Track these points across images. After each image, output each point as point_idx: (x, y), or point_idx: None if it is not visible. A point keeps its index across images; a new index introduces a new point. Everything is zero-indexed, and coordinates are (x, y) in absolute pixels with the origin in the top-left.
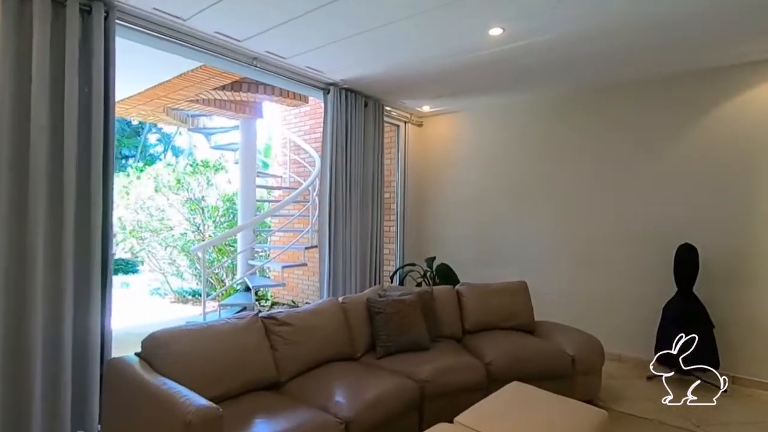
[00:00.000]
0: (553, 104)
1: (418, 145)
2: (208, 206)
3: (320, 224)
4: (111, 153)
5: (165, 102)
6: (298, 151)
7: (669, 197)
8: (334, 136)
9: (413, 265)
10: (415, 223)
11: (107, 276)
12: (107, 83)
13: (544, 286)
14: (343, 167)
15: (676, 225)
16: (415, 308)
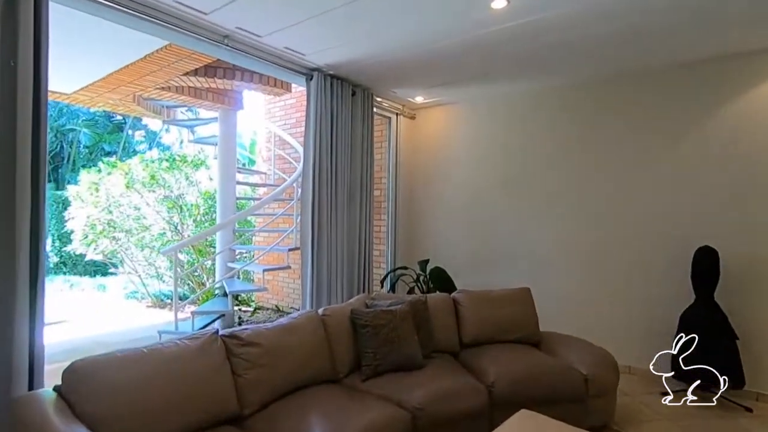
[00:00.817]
0: (559, 95)
1: (410, 140)
2: (187, 204)
3: (302, 224)
4: (43, 139)
5: (133, 89)
6: (284, 146)
7: (686, 195)
8: (318, 128)
9: (405, 269)
10: (407, 224)
11: (38, 281)
12: (38, 57)
13: (546, 292)
14: (328, 162)
15: (694, 226)
16: (407, 320)
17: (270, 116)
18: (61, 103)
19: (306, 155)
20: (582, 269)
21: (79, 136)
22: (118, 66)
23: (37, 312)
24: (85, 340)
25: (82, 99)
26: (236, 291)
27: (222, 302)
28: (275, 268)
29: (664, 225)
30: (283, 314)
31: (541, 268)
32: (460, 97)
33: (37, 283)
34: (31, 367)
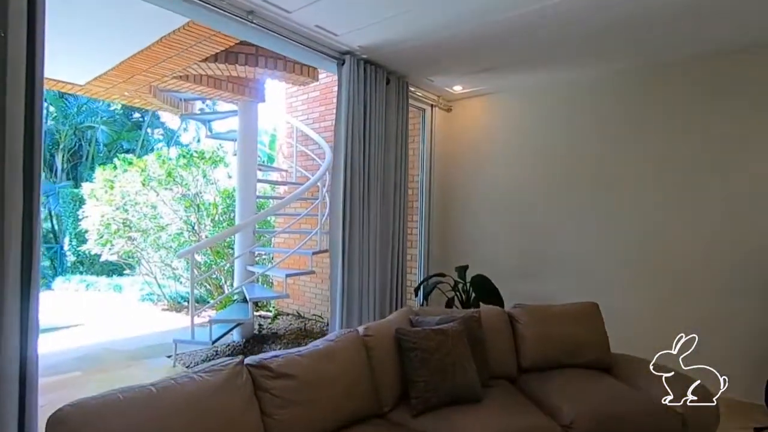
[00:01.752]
0: (619, 80)
1: (445, 134)
2: (205, 203)
3: (332, 226)
4: (38, 126)
5: (149, 79)
6: (306, 142)
7: None
8: (350, 118)
9: (442, 276)
10: (441, 225)
11: (30, 287)
12: (33, 28)
13: (606, 306)
14: (361, 156)
15: None
16: (461, 341)
17: (291, 110)
18: (80, 100)
19: (337, 148)
20: (650, 281)
21: (97, 134)
22: (132, 51)
23: (30, 320)
24: (97, 347)
25: (96, 91)
26: (257, 298)
27: (241, 309)
28: (299, 273)
29: (757, 231)
30: (305, 320)
31: (600, 279)
32: (502, 85)
33: (30, 288)
34: (23, 382)
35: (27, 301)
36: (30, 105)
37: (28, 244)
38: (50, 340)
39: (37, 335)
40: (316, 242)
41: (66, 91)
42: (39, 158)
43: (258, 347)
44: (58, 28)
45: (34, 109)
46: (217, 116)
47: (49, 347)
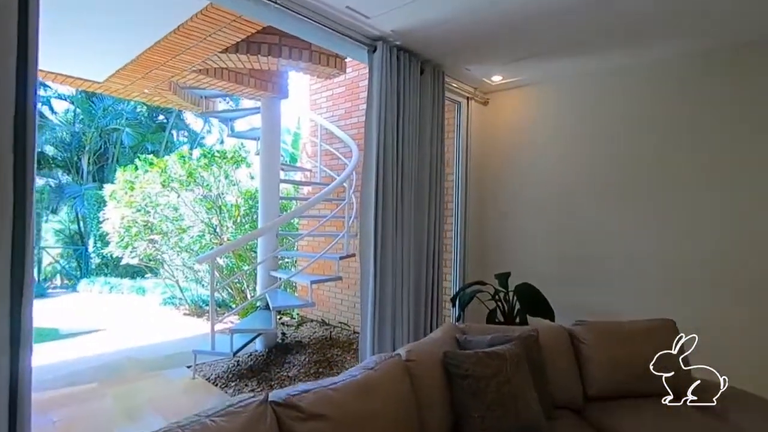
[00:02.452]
0: (684, 64)
1: (482, 129)
2: (227, 204)
3: (363, 229)
4: (31, 127)
5: (168, 73)
6: (331, 140)
7: None
8: (382, 111)
9: (483, 284)
10: (477, 228)
11: (23, 297)
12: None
13: None
14: (394, 153)
15: None
16: (521, 366)
17: (315, 107)
18: (105, 102)
19: (367, 145)
20: (726, 294)
21: (122, 136)
22: (149, 42)
23: (23, 332)
24: (116, 355)
25: (116, 88)
26: (280, 307)
27: (263, 317)
28: (325, 279)
29: None
30: (330, 328)
31: (652, 287)
32: (546, 74)
33: (22, 297)
34: (13, 399)
35: (18, 312)
36: (21, 100)
37: (20, 249)
38: (70, 346)
39: (30, 348)
40: (342, 246)
41: (85, 88)
42: (32, 157)
43: (281, 357)
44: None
45: (26, 104)
46: (238, 114)
47: (69, 354)
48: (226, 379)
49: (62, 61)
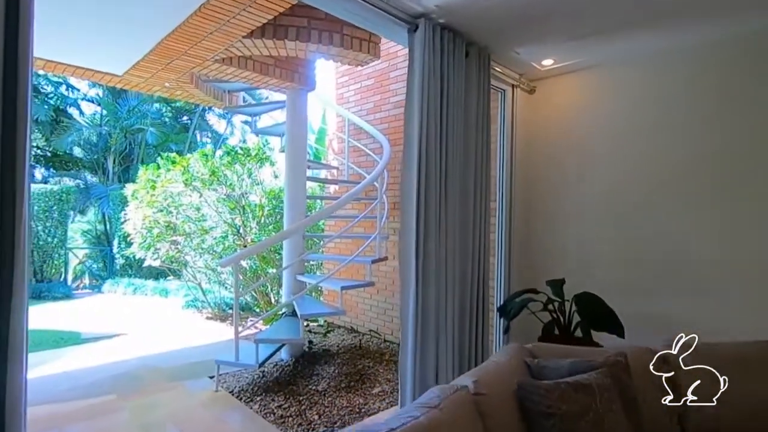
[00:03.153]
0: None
1: (527, 120)
2: (250, 204)
3: (403, 230)
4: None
5: (189, 64)
6: (359, 136)
7: None
8: (424, 101)
9: (535, 293)
10: (524, 230)
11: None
12: None
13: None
14: (437, 146)
15: None
16: (613, 401)
17: (342, 102)
18: (130, 102)
19: (408, 136)
20: None
21: (146, 136)
22: (169, 27)
23: (12, 341)
24: (136, 363)
25: (135, 82)
26: (309, 315)
27: (290, 325)
28: (357, 285)
29: None
30: (358, 335)
31: (732, 297)
32: (606, 56)
33: (11, 302)
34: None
35: (5, 317)
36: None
37: (9, 256)
38: (90, 352)
39: (22, 360)
40: (373, 249)
41: (105, 83)
42: (24, 154)
43: (309, 368)
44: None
45: (16, 94)
46: (262, 108)
47: (88, 361)
48: (251, 393)
49: (81, 53)
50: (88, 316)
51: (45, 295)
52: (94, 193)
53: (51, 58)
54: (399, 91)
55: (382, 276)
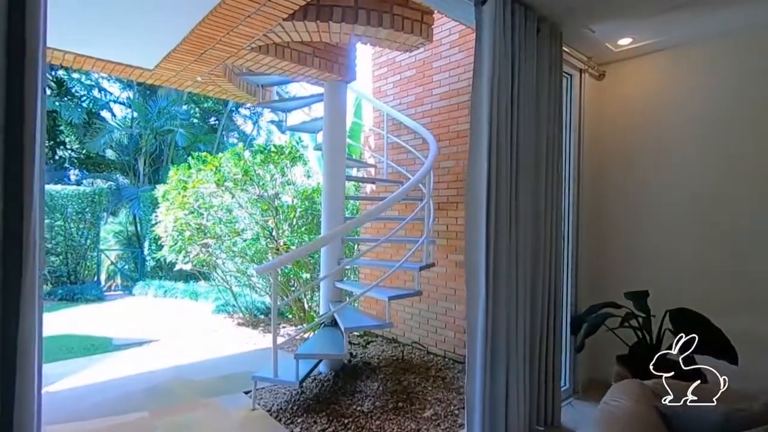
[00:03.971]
0: None
1: (596, 109)
2: (283, 205)
3: (471, 235)
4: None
5: (223, 54)
6: (399, 132)
7: None
8: (494, 85)
9: (617, 307)
10: (593, 234)
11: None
12: None
13: None
14: (508, 138)
15: None
16: None
17: (380, 95)
18: (160, 103)
19: (476, 125)
20: None
21: (176, 137)
22: (204, 11)
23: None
24: (168, 375)
25: (166, 77)
26: (353, 327)
27: (331, 338)
28: (405, 295)
29: None
30: (399, 345)
31: None
32: (701, 31)
33: (20, 314)
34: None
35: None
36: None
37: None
38: (121, 360)
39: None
40: (419, 255)
41: (136, 78)
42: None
43: (350, 384)
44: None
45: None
46: (297, 102)
47: (119, 370)
48: (291, 413)
49: (110, 45)
50: (119, 320)
51: (78, 297)
52: (126, 195)
53: (80, 52)
54: (444, 82)
55: (424, 283)
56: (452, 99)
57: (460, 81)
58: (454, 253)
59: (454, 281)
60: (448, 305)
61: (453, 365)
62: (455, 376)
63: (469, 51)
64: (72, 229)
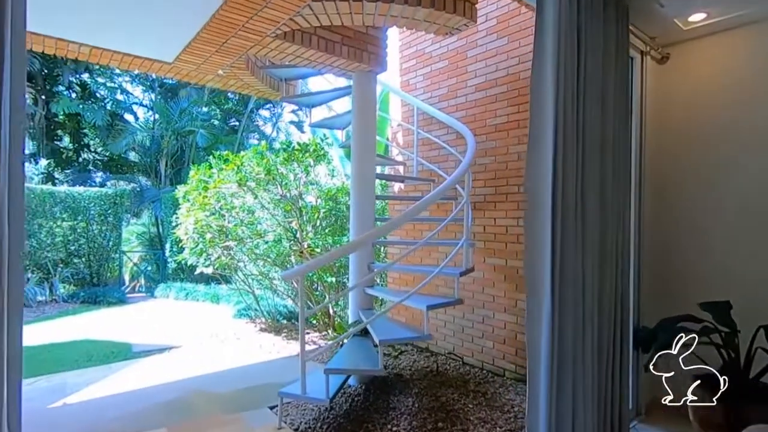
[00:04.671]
0: None
1: (659, 96)
2: (306, 206)
3: (532, 239)
4: None
5: (246, 42)
6: (430, 127)
7: None
8: (560, 69)
9: (696, 321)
10: (658, 238)
11: None
12: None
13: None
14: (575, 128)
15: None
16: None
17: (408, 89)
18: (181, 104)
19: (538, 113)
20: None
21: (197, 138)
22: None
23: None
24: (188, 386)
25: (187, 71)
26: (390, 340)
27: (363, 349)
28: (445, 303)
29: None
30: (431, 355)
31: None
32: None
33: None
34: None
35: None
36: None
37: None
38: (141, 369)
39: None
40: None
41: (154, 72)
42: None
43: (383, 399)
44: None
45: None
46: (322, 97)
47: (139, 381)
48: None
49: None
50: (140, 325)
51: (100, 300)
52: (148, 196)
53: (95, 44)
54: (479, 72)
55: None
56: (489, 90)
57: (498, 70)
58: (492, 256)
59: (492, 287)
60: (486, 313)
61: (493, 378)
62: (497, 391)
63: (510, 36)
64: (95, 231)
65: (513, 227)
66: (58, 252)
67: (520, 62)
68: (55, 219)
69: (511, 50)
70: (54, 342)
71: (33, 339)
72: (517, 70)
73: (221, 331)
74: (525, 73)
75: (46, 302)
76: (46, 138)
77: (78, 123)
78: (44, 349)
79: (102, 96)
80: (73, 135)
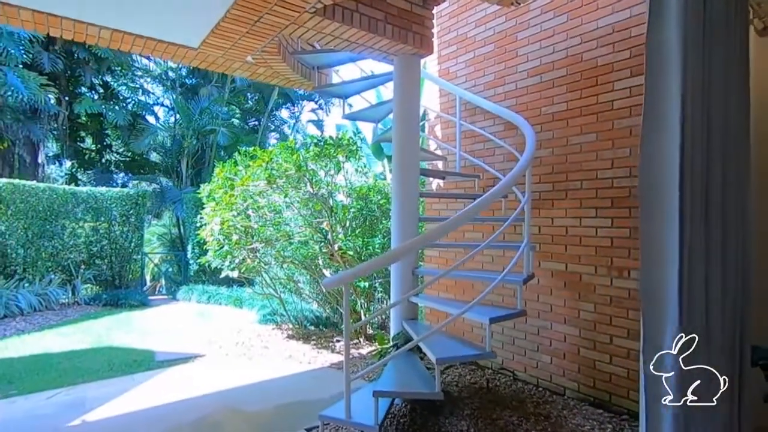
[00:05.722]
0: None
1: (755, 75)
2: (338, 205)
3: (653, 245)
4: None
5: (281, 19)
6: (473, 118)
7: None
8: (685, 52)
9: None
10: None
11: None
12: None
13: None
14: (702, 117)
15: None
16: None
17: (448, 77)
18: (202, 103)
19: (654, 97)
20: None
21: (218, 137)
22: None
23: None
24: (216, 400)
25: (213, 57)
26: (449, 359)
27: (410, 367)
28: (508, 315)
29: None
30: (479, 369)
31: None
32: None
33: None
34: None
35: None
36: None
37: None
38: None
39: None
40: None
41: (179, 60)
42: None
43: (432, 421)
44: None
45: None
46: (359, 85)
47: (162, 395)
48: None
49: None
50: (163, 331)
51: (122, 302)
52: (169, 197)
53: (116, 27)
54: (532, 56)
55: (509, 295)
56: (545, 75)
57: (555, 52)
58: (548, 260)
59: (549, 295)
60: (542, 324)
61: (552, 398)
62: (560, 414)
63: (570, 13)
64: (116, 232)
65: (575, 227)
66: (81, 253)
67: (582, 41)
68: (77, 220)
69: (572, 29)
70: (75, 349)
71: (55, 345)
72: (578, 50)
73: (247, 338)
74: (588, 54)
75: (68, 305)
76: (69, 139)
77: (100, 124)
78: (65, 357)
79: (124, 96)
80: (95, 136)
